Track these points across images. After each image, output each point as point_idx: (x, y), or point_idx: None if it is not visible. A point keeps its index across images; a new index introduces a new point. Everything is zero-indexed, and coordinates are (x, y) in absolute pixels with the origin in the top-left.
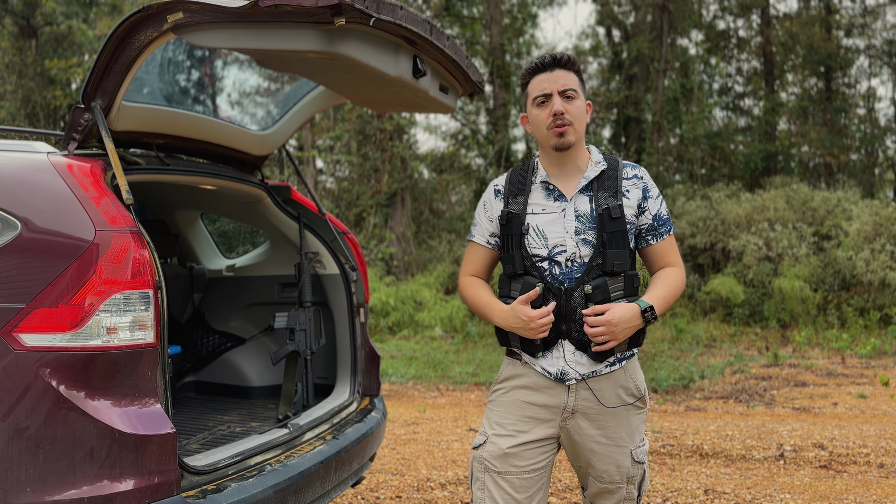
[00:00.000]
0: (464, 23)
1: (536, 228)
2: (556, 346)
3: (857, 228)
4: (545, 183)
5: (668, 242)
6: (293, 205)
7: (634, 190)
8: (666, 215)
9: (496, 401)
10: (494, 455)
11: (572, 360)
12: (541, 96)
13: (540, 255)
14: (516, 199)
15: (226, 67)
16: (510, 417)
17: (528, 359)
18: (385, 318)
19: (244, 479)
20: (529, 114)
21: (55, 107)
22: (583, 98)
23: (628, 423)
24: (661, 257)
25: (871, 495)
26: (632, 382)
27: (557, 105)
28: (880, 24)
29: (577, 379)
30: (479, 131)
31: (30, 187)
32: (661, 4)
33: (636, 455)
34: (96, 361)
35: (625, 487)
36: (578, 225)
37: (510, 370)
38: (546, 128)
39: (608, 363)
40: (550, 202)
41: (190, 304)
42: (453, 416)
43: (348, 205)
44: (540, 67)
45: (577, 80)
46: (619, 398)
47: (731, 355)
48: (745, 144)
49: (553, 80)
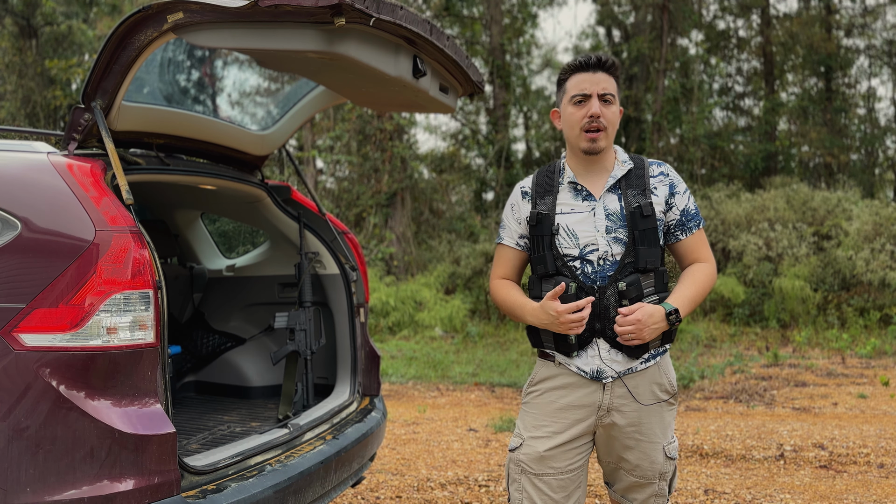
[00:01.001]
0: (464, 23)
1: (567, 228)
2: (590, 344)
3: (857, 228)
4: (573, 183)
5: (697, 237)
6: (293, 205)
7: (661, 187)
8: (694, 210)
9: (531, 402)
10: (531, 458)
11: (608, 357)
12: (579, 95)
13: (571, 255)
14: (544, 200)
15: (226, 67)
16: (545, 419)
17: (562, 359)
18: (385, 318)
19: (244, 479)
20: (563, 111)
21: (55, 107)
22: (618, 104)
23: (661, 419)
24: (691, 252)
25: (871, 495)
26: (665, 378)
27: (595, 108)
28: (880, 24)
29: (613, 377)
30: (479, 131)
31: (30, 187)
32: (661, 4)
33: (668, 451)
34: (96, 361)
35: (657, 483)
36: (609, 223)
37: (544, 372)
38: (580, 128)
39: (643, 360)
40: (579, 202)
41: (190, 304)
42: (453, 416)
43: (348, 205)
44: (583, 66)
45: (616, 86)
46: (654, 395)
47: (731, 355)
48: (745, 144)
49: (594, 81)
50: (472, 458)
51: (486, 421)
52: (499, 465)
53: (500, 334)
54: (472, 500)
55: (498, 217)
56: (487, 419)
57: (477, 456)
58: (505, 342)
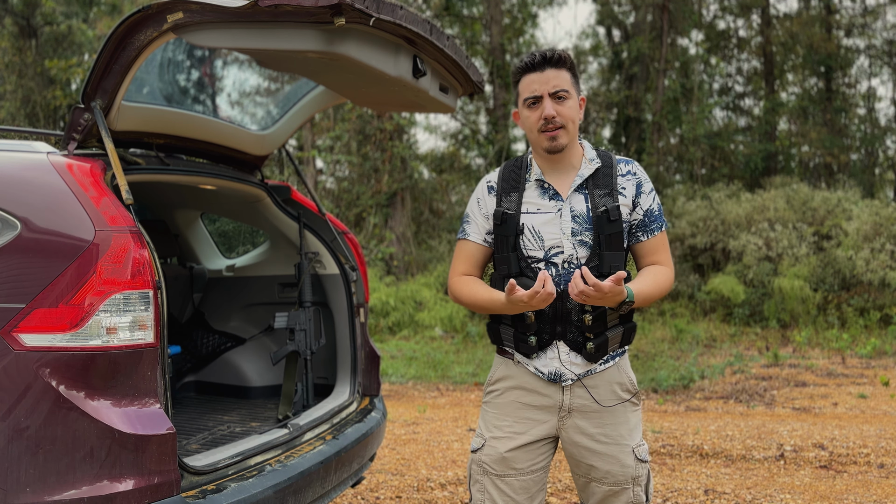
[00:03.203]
0: (464, 23)
1: (532, 230)
2: (550, 346)
3: (857, 228)
4: (540, 181)
5: (658, 240)
6: (293, 205)
7: (629, 186)
8: (658, 212)
9: (491, 402)
10: (493, 458)
11: (567, 360)
12: (531, 98)
13: (536, 257)
14: (510, 197)
15: (226, 67)
16: (507, 419)
17: (521, 359)
18: (385, 318)
19: (244, 480)
20: (521, 113)
21: (55, 107)
22: (576, 96)
23: (626, 421)
24: (650, 254)
25: (871, 495)
26: (626, 377)
27: (548, 109)
28: (880, 24)
29: (573, 379)
30: (479, 131)
31: (30, 187)
32: (661, 4)
33: (638, 453)
34: (96, 361)
35: (631, 489)
36: (575, 226)
37: (503, 370)
38: (537, 130)
39: (602, 361)
40: (545, 201)
41: (190, 304)
42: (453, 416)
43: (348, 205)
44: (530, 66)
45: (569, 78)
46: (615, 394)
47: (731, 355)
48: (745, 144)
49: (543, 80)
50: None
51: None
52: None
53: None
54: None
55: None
56: None
57: None
58: None
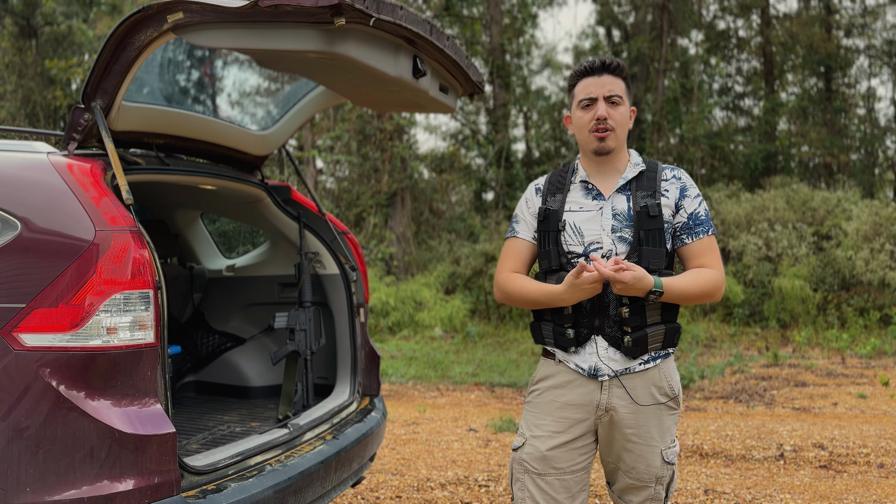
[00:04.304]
0: (464, 23)
1: (573, 225)
2: (588, 342)
3: (857, 228)
4: (584, 182)
5: (705, 243)
6: (293, 205)
7: (673, 189)
8: (704, 216)
9: (532, 402)
10: (534, 457)
11: (605, 356)
12: (586, 100)
13: (575, 252)
14: (554, 197)
15: (226, 67)
16: (546, 419)
17: (561, 356)
18: (385, 318)
19: (244, 479)
20: (573, 115)
21: (55, 107)
22: (627, 105)
23: (660, 423)
24: (696, 257)
25: (871, 495)
26: (666, 382)
27: (601, 110)
28: (880, 24)
29: (609, 375)
30: (479, 131)
31: (30, 187)
32: (661, 4)
33: (666, 455)
34: (96, 361)
35: (653, 487)
36: (615, 223)
37: (545, 370)
38: (588, 131)
39: (642, 361)
40: (588, 200)
41: (190, 304)
42: (453, 416)
43: (348, 205)
44: (588, 71)
45: (623, 86)
46: (653, 397)
47: (731, 355)
48: (745, 144)
49: (600, 84)
50: (472, 458)
51: (486, 421)
52: (499, 465)
53: (499, 334)
54: (472, 500)
55: (498, 217)
56: (487, 419)
57: (477, 456)
58: (505, 342)
